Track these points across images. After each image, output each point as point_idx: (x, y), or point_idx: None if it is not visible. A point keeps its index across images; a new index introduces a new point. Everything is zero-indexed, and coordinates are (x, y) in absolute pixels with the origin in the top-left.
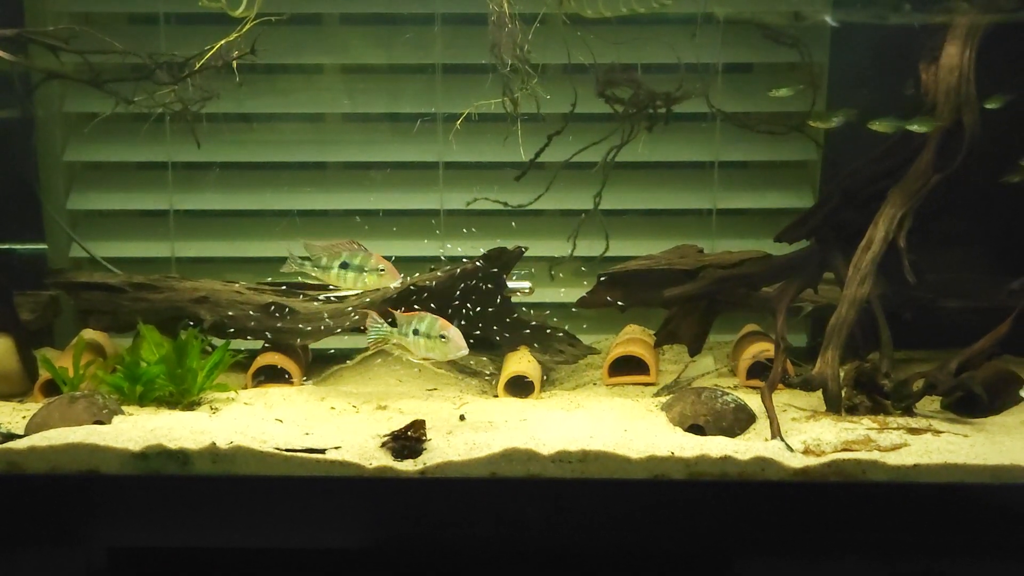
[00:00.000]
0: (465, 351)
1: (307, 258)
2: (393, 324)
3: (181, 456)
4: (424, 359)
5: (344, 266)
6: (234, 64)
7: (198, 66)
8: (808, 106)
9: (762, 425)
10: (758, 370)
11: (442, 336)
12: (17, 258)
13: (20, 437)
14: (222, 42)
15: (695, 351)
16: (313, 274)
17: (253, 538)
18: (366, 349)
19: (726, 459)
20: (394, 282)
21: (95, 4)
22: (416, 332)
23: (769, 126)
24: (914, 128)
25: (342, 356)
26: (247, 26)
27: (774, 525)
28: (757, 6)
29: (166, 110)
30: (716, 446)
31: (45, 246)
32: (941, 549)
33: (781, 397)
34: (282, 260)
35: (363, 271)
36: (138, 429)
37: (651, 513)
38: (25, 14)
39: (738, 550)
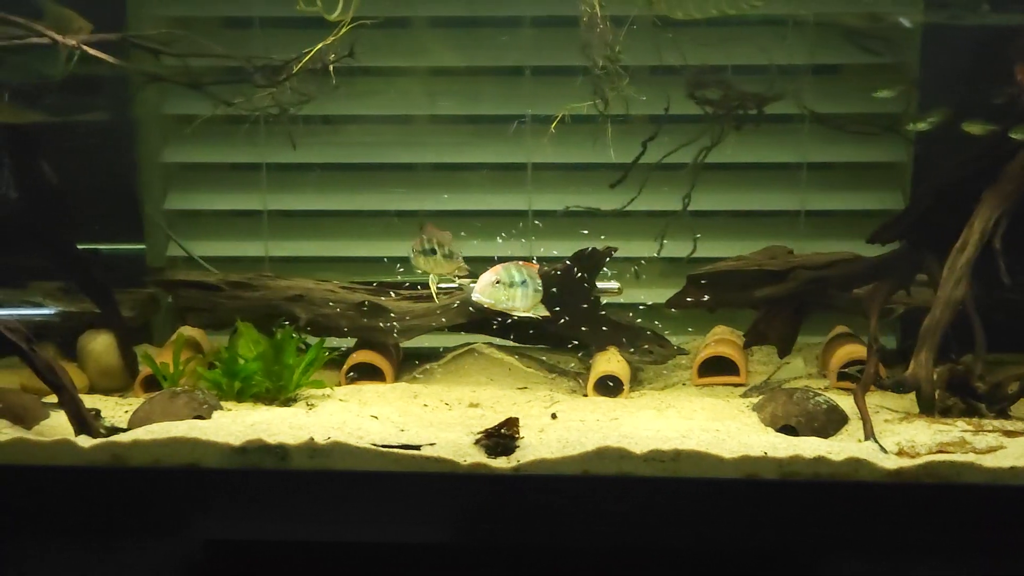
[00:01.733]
0: (479, 298)
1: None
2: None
3: (280, 451)
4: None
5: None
6: (330, 67)
7: (296, 69)
8: (900, 107)
9: (854, 426)
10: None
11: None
12: (117, 257)
13: (124, 431)
14: (320, 45)
15: (784, 352)
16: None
17: (348, 532)
18: (456, 348)
19: (819, 459)
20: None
21: (192, 8)
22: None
23: (859, 127)
24: (1017, 136)
25: (434, 354)
26: (343, 29)
27: (867, 526)
28: (846, 7)
29: (264, 112)
30: (809, 446)
31: (144, 245)
32: None
33: (873, 399)
34: (373, 260)
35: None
36: (237, 424)
37: (743, 512)
38: (127, 19)
39: (830, 550)
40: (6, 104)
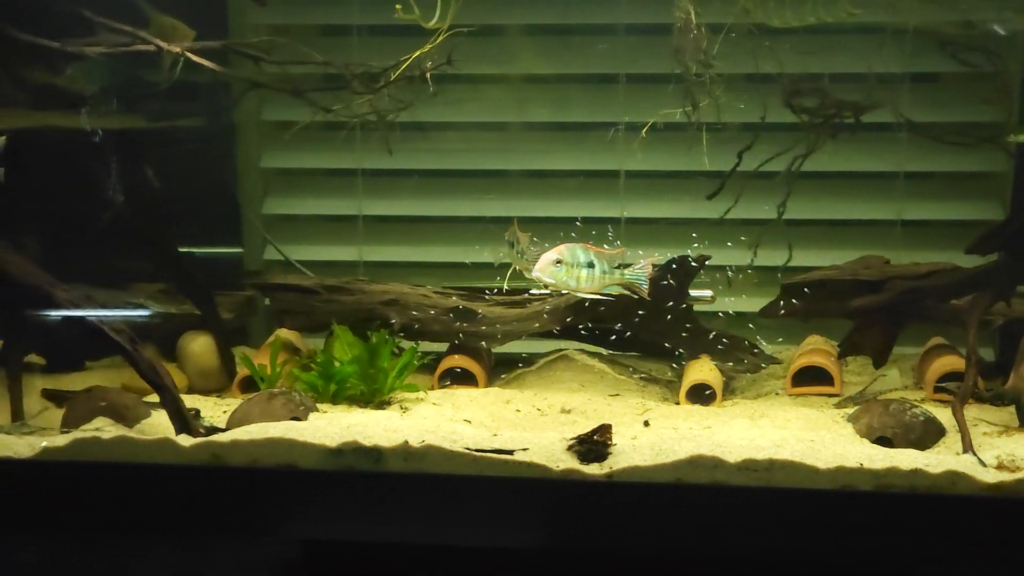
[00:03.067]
0: (539, 275)
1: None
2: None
3: (375, 453)
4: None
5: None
6: (428, 75)
7: (394, 76)
8: (1000, 117)
9: (952, 439)
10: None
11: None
12: (216, 260)
13: (222, 431)
14: (418, 52)
15: (880, 363)
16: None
17: (441, 536)
18: (549, 353)
19: (916, 472)
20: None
21: (292, 16)
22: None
23: (957, 138)
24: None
25: (526, 360)
26: (440, 37)
27: (965, 540)
28: (945, 15)
29: (361, 119)
30: (906, 459)
31: (242, 249)
32: None
33: (971, 412)
34: (466, 265)
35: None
36: (333, 426)
37: (838, 524)
38: (229, 27)
39: (927, 564)
40: (113, 110)
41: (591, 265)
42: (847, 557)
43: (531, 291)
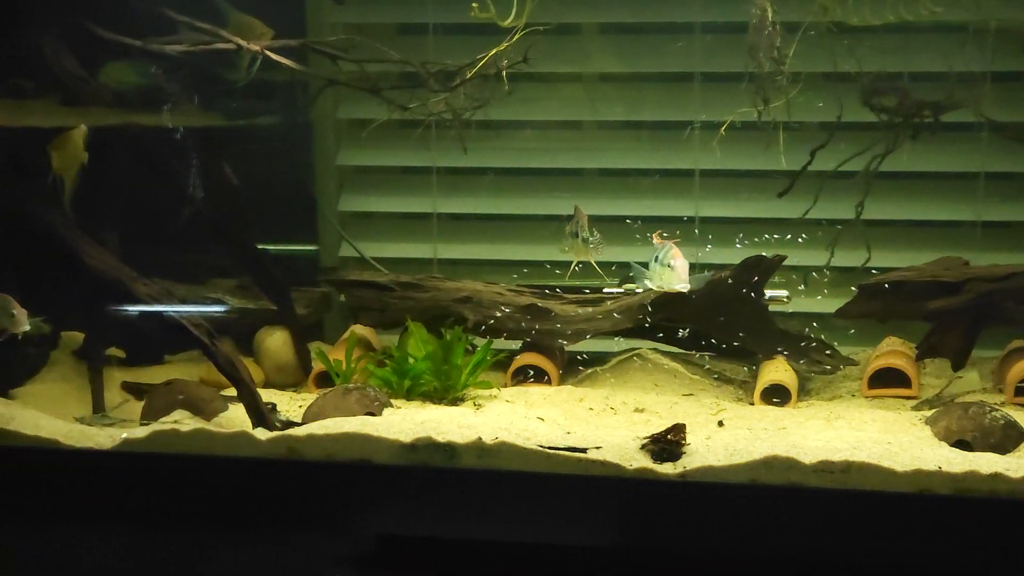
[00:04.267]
0: (685, 286)
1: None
2: None
3: (448, 449)
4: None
5: (655, 258)
6: (504, 73)
7: (470, 75)
8: None
9: None
10: None
11: (669, 265)
12: (292, 256)
13: (298, 425)
14: (494, 51)
15: (959, 366)
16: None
17: (513, 532)
18: (622, 352)
19: (996, 476)
20: (678, 284)
21: (369, 15)
22: (656, 259)
23: None
24: None
25: (599, 358)
26: (517, 35)
27: None
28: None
29: (438, 117)
30: (986, 462)
31: (317, 246)
32: None
33: None
34: (539, 263)
35: (657, 263)
36: (407, 422)
37: (915, 527)
38: (307, 25)
39: (1006, 569)
40: (193, 108)
41: (670, 266)
42: (924, 561)
43: (604, 289)
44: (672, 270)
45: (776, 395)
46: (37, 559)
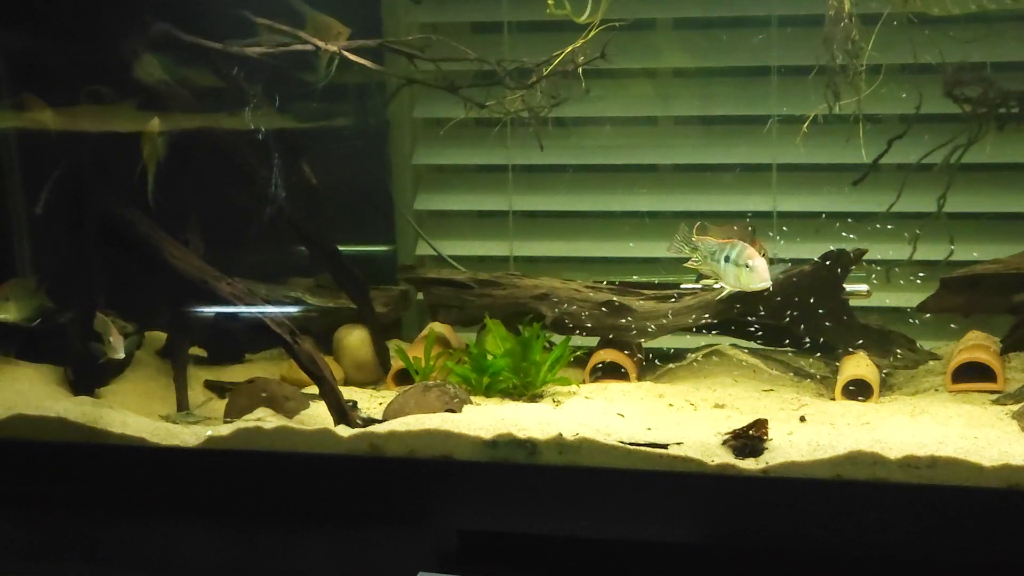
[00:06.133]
0: (767, 283)
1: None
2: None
3: (529, 445)
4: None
5: (726, 259)
6: (580, 70)
7: (547, 72)
8: None
9: None
10: None
11: (747, 265)
12: (371, 254)
13: (379, 422)
14: (570, 47)
15: None
16: (695, 262)
17: (595, 528)
18: (701, 348)
19: None
20: (760, 284)
21: (443, 14)
22: (727, 259)
23: None
24: None
25: (678, 355)
26: (592, 31)
27: None
28: None
29: (515, 115)
30: None
31: (394, 245)
32: None
33: None
34: (616, 260)
35: (735, 264)
36: (488, 418)
37: (1004, 523)
38: (383, 25)
39: None
40: (274, 109)
41: (748, 266)
42: (1014, 557)
43: (682, 285)
44: (751, 270)
45: (858, 390)
46: (125, 556)
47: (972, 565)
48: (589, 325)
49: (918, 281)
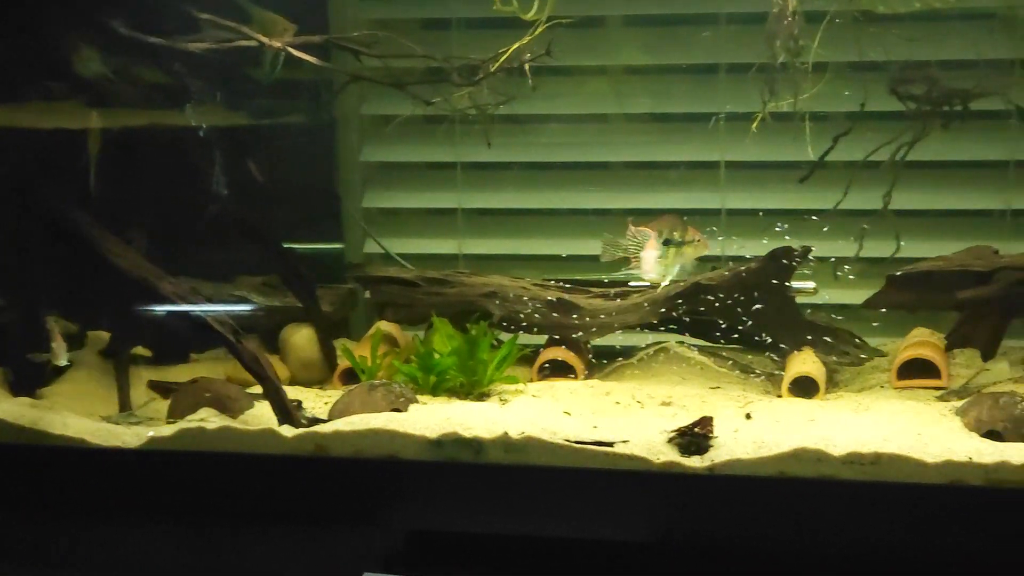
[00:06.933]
0: (654, 278)
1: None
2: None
3: (475, 444)
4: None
5: (666, 242)
6: (527, 67)
7: (493, 69)
8: None
9: None
10: None
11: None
12: (318, 253)
13: (324, 422)
14: (516, 45)
15: (989, 355)
16: (631, 252)
17: (540, 527)
18: (649, 346)
19: None
20: (707, 251)
21: (392, 10)
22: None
23: None
24: None
25: (625, 352)
26: (539, 28)
27: None
28: None
29: (462, 112)
30: (1017, 453)
31: (343, 244)
32: None
33: None
34: (565, 258)
35: (681, 245)
36: (434, 417)
37: (946, 518)
38: (330, 21)
39: None
40: (216, 106)
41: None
42: (956, 553)
43: (631, 283)
44: (641, 261)
45: (804, 387)
46: (65, 559)
47: (916, 561)
48: (537, 323)
49: (850, 278)
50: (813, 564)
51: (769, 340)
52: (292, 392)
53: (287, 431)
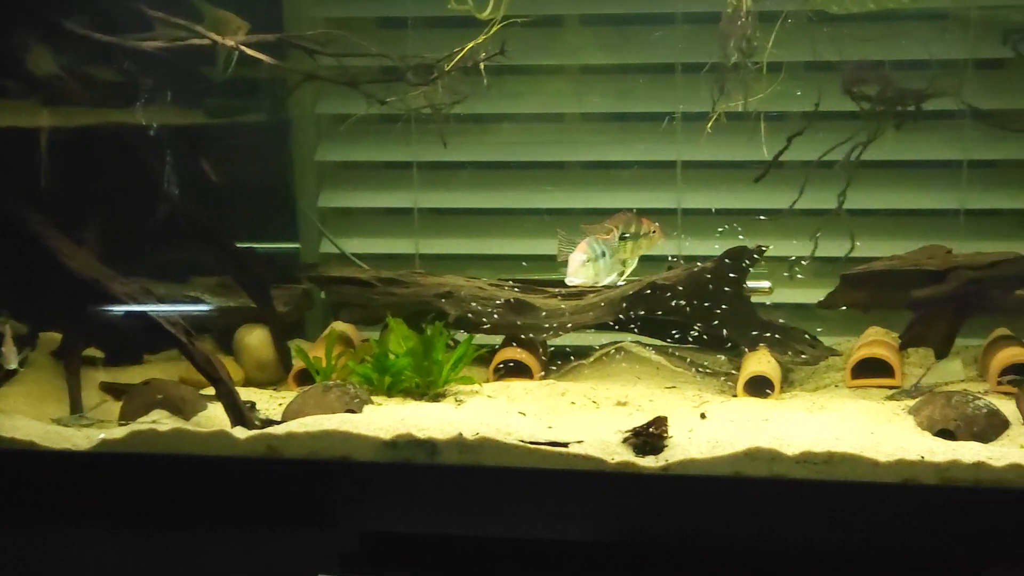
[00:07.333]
0: (574, 280)
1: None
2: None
3: (429, 445)
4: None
5: (622, 237)
6: (482, 66)
7: (448, 68)
8: None
9: (1016, 432)
10: (1010, 375)
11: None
12: (273, 253)
13: (278, 423)
14: (471, 44)
15: (942, 354)
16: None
17: (495, 527)
18: (605, 346)
19: (980, 465)
20: (662, 240)
21: (347, 9)
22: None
23: (1022, 125)
24: None
25: (581, 352)
26: (494, 28)
27: None
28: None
29: (416, 111)
30: (969, 451)
31: (298, 244)
32: None
33: None
34: (523, 258)
35: (637, 238)
36: (388, 418)
37: (899, 517)
38: (284, 20)
39: (991, 558)
40: (168, 105)
41: (604, 255)
42: (909, 551)
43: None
44: (569, 263)
45: (759, 387)
46: (15, 563)
47: (868, 559)
48: (493, 323)
49: (798, 277)
50: (767, 563)
51: (725, 340)
52: (246, 393)
53: (240, 433)
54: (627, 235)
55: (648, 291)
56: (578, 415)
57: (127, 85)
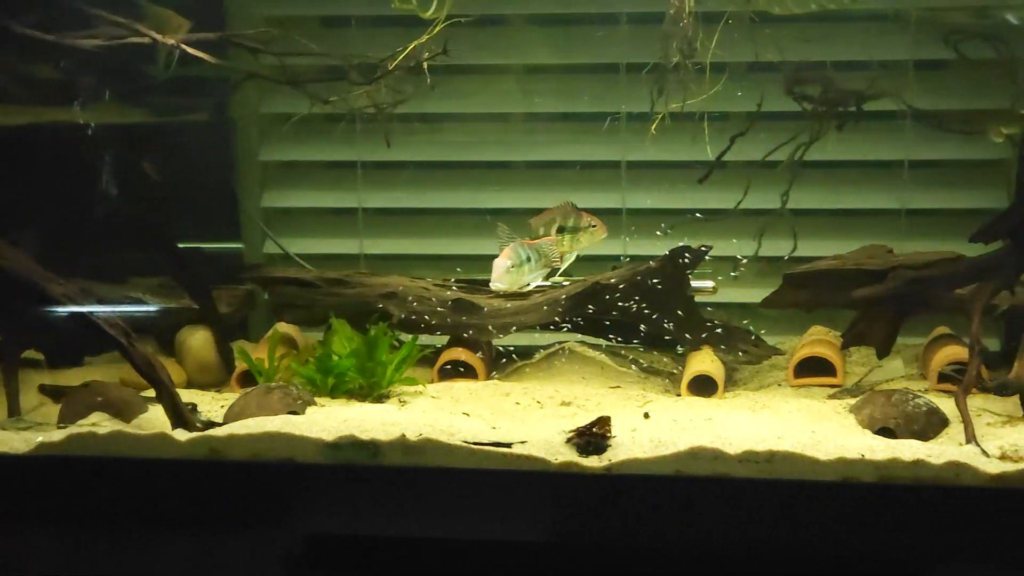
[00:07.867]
0: (497, 285)
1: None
2: None
3: (372, 447)
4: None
5: (560, 230)
6: (425, 66)
7: (391, 67)
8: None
9: (955, 430)
10: (950, 374)
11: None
12: (215, 254)
13: (219, 425)
14: (414, 43)
15: (884, 353)
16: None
17: (439, 528)
18: (549, 346)
19: (918, 463)
20: (604, 235)
21: (290, 8)
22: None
23: (963, 126)
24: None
25: (526, 352)
26: (437, 28)
27: (968, 531)
28: (949, 2)
29: (359, 111)
30: (908, 449)
31: (241, 244)
32: None
33: (975, 402)
34: (467, 258)
35: (576, 231)
36: (331, 420)
37: (840, 516)
38: (226, 19)
39: (930, 556)
40: (108, 104)
41: (530, 259)
42: (849, 549)
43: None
44: (494, 268)
45: (703, 386)
46: None
47: (810, 557)
48: (437, 323)
49: (732, 275)
50: (710, 562)
51: (668, 339)
52: (188, 395)
53: (181, 435)
54: (564, 228)
55: (593, 291)
56: (522, 415)
57: (65, 83)
